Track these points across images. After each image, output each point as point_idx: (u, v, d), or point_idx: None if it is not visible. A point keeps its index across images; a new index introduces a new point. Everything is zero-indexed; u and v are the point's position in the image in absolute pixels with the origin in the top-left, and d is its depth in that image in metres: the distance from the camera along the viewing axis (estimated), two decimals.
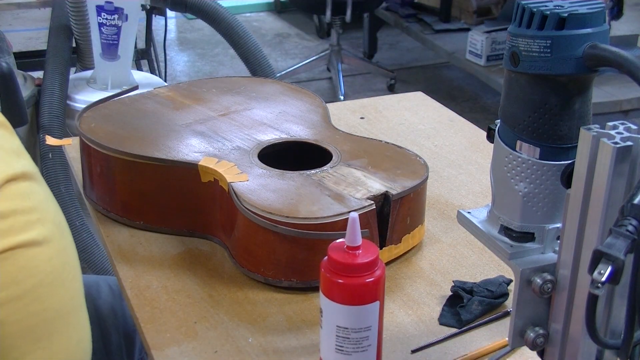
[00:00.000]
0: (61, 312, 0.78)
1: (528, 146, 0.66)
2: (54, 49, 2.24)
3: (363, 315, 0.75)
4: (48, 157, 2.13)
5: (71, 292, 0.79)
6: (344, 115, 1.44)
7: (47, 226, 0.75)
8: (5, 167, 0.71)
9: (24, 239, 0.72)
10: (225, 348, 0.85)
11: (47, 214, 0.76)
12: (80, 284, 0.82)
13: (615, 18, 3.04)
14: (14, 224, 0.71)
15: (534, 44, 0.62)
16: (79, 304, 0.82)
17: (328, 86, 3.91)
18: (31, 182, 0.75)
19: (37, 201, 0.75)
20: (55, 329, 0.77)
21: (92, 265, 2.09)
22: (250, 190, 0.96)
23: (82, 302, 0.82)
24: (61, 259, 0.77)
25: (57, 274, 0.76)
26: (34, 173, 0.76)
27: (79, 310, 0.81)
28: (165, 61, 2.76)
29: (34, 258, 0.73)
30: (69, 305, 0.79)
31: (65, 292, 0.78)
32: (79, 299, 0.82)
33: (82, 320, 0.82)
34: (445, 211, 1.13)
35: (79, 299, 0.82)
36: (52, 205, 0.79)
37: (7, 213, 0.71)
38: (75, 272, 0.81)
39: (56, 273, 0.76)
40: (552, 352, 0.68)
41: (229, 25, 2.28)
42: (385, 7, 4.02)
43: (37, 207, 0.75)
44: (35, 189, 0.75)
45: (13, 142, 0.76)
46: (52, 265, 0.75)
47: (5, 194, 0.71)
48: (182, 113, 1.18)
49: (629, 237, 0.53)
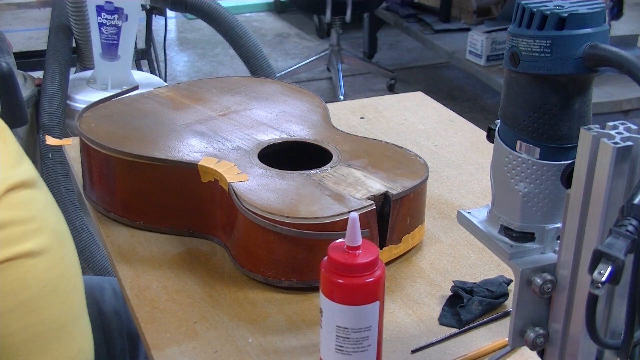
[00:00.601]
0: (60, 322, 0.77)
1: (528, 146, 0.66)
2: (54, 49, 2.24)
3: (363, 315, 0.75)
4: (48, 157, 2.13)
5: (70, 302, 0.78)
6: (344, 115, 1.44)
7: (46, 236, 0.74)
8: (4, 177, 0.71)
9: (20, 250, 0.71)
10: (225, 348, 0.85)
11: (46, 222, 0.75)
12: (80, 292, 0.81)
13: (615, 18, 3.04)
14: (10, 235, 0.70)
15: (534, 44, 0.62)
16: (79, 312, 0.80)
17: (328, 86, 3.91)
18: (31, 190, 0.74)
19: (36, 210, 0.74)
20: (54, 339, 0.76)
21: (92, 265, 2.09)
22: (250, 190, 0.96)
23: (82, 310, 0.81)
24: (59, 269, 0.76)
25: (55, 285, 0.75)
26: (34, 179, 0.75)
27: (79, 319, 0.80)
28: (165, 61, 2.76)
29: (31, 269, 0.72)
30: (68, 314, 0.78)
31: (64, 302, 0.77)
32: (79, 307, 0.81)
33: (83, 329, 0.81)
34: (445, 211, 1.13)
35: (79, 308, 0.81)
36: (52, 212, 0.78)
37: (4, 224, 0.70)
38: (75, 281, 0.79)
39: (54, 284, 0.75)
40: (552, 352, 0.68)
41: (229, 25, 2.28)
42: (385, 7, 4.02)
43: (35, 216, 0.74)
44: (35, 197, 0.74)
45: (12, 148, 0.74)
46: (50, 276, 0.74)
47: (3, 205, 0.70)
48: (182, 113, 1.18)
49: (629, 237, 0.53)
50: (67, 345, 0.78)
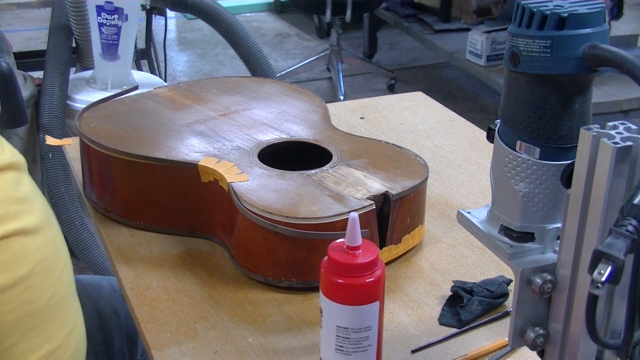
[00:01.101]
0: (52, 301, 0.78)
1: (528, 146, 0.66)
2: (54, 49, 2.24)
3: (363, 315, 0.75)
4: (48, 157, 2.13)
5: (61, 282, 0.79)
6: (344, 115, 1.44)
7: (37, 216, 0.76)
8: None
9: (15, 227, 0.72)
10: (225, 348, 0.85)
11: (35, 204, 0.77)
12: (70, 275, 0.82)
13: (615, 18, 3.04)
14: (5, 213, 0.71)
15: (534, 44, 0.62)
16: (70, 293, 0.82)
17: (328, 86, 3.91)
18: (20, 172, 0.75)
19: (26, 191, 0.76)
20: (47, 318, 0.77)
21: (92, 265, 2.09)
22: (250, 190, 0.96)
23: (73, 293, 0.83)
24: (51, 249, 0.78)
25: (47, 263, 0.76)
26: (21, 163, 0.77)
27: (70, 301, 0.82)
28: (165, 61, 2.76)
29: (26, 246, 0.73)
30: (60, 294, 0.79)
31: (56, 282, 0.78)
32: (69, 288, 0.82)
33: (74, 311, 0.82)
34: (445, 211, 1.13)
35: (70, 289, 0.82)
36: (38, 196, 0.79)
37: None
38: (65, 263, 0.81)
39: (46, 262, 0.76)
40: (552, 352, 0.68)
41: (229, 25, 2.28)
42: (385, 7, 4.02)
43: (26, 196, 0.75)
44: (23, 179, 0.76)
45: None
46: (43, 254, 0.76)
47: None
48: (182, 113, 1.18)
49: (629, 237, 0.53)
50: (58, 325, 0.79)
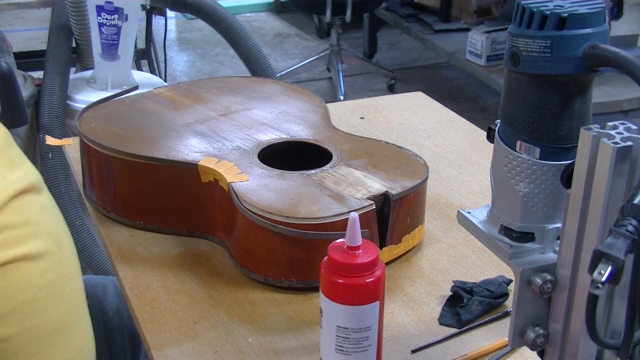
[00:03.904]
0: (57, 325, 0.76)
1: (528, 146, 0.66)
2: (54, 49, 2.24)
3: (363, 315, 0.75)
4: (48, 157, 2.13)
5: (68, 305, 0.78)
6: (344, 115, 1.44)
7: (42, 239, 0.74)
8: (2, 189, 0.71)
9: (15, 253, 0.71)
10: (225, 348, 0.85)
11: (42, 226, 0.75)
12: (80, 295, 0.81)
13: (615, 18, 3.04)
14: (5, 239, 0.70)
15: (534, 44, 0.62)
16: (78, 314, 0.80)
17: (328, 86, 3.91)
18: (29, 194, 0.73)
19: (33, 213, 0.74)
20: (52, 342, 0.76)
21: (92, 265, 2.09)
22: (250, 190, 0.96)
23: (82, 312, 0.81)
24: (57, 272, 0.76)
25: (52, 288, 0.75)
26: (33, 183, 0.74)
27: (78, 321, 0.80)
28: (165, 61, 2.76)
29: (27, 273, 0.72)
30: (66, 317, 0.78)
31: (62, 305, 0.77)
32: (78, 309, 0.80)
33: (82, 331, 0.81)
34: (445, 211, 1.13)
35: (79, 310, 0.80)
36: (49, 215, 0.77)
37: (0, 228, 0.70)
38: (74, 284, 0.79)
39: (51, 287, 0.75)
40: (552, 352, 0.68)
41: (229, 25, 2.28)
42: (385, 7, 4.02)
43: (31, 220, 0.73)
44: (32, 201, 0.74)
45: (11, 152, 0.74)
46: (47, 279, 0.74)
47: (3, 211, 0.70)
48: (182, 113, 1.18)
49: (629, 237, 0.53)
50: (65, 348, 0.78)
